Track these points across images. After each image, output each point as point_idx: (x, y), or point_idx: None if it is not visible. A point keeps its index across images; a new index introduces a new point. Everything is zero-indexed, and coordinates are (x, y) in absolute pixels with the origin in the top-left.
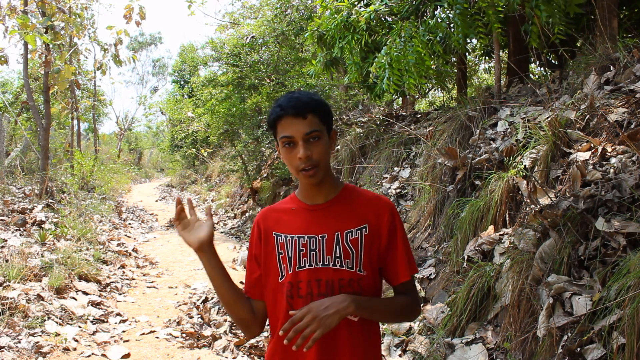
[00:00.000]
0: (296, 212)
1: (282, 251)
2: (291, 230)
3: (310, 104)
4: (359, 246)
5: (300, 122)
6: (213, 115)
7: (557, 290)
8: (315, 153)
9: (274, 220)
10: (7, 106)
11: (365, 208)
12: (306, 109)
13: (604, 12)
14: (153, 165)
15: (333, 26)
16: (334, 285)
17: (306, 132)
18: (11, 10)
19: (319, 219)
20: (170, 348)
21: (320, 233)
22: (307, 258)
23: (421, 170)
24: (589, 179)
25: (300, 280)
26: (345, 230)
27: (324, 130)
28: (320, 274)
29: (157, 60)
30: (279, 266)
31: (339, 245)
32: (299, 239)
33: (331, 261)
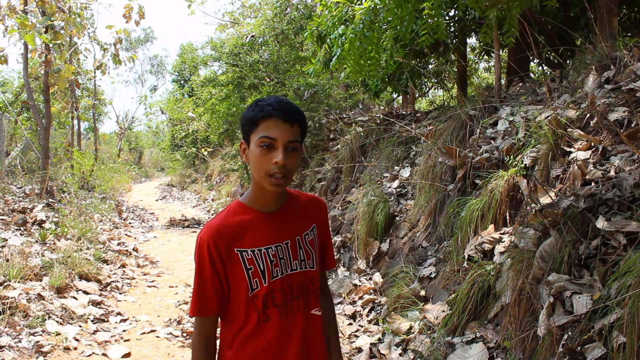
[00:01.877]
0: (255, 222)
1: (252, 266)
2: (257, 242)
3: (299, 113)
4: (315, 245)
5: (287, 128)
6: (213, 115)
7: (558, 289)
8: (291, 163)
9: (233, 236)
10: (7, 106)
11: (309, 208)
12: (295, 117)
13: (604, 12)
14: (153, 164)
15: (331, 24)
16: (302, 287)
17: (290, 140)
18: (11, 9)
19: (278, 226)
20: (170, 347)
21: (284, 240)
22: (279, 267)
23: (421, 169)
24: (589, 178)
25: (274, 289)
26: (303, 233)
27: (300, 144)
28: (291, 279)
29: (154, 57)
30: (249, 281)
31: (301, 249)
32: (267, 250)
33: (298, 265)
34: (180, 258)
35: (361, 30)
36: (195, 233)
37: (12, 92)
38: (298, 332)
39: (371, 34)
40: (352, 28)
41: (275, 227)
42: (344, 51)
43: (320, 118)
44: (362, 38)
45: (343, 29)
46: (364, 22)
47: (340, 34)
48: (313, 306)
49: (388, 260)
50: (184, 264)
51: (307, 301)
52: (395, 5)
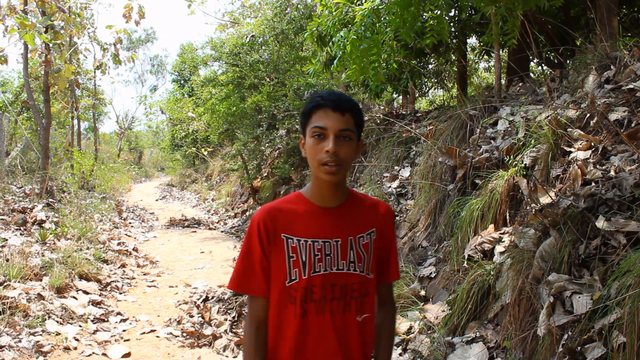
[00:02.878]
0: (308, 214)
1: (294, 255)
2: (305, 233)
3: (351, 103)
4: (369, 250)
5: (337, 116)
6: (213, 115)
7: (558, 289)
8: (343, 151)
9: (283, 222)
10: (7, 105)
11: (372, 212)
12: (346, 106)
13: (604, 11)
14: (153, 164)
15: (331, 24)
16: (347, 289)
17: (341, 128)
18: (11, 9)
19: (332, 222)
20: (170, 347)
21: (335, 237)
22: (323, 263)
23: (421, 169)
24: (589, 178)
25: (314, 284)
26: (357, 235)
27: (355, 134)
28: (335, 279)
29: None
30: (288, 269)
31: (352, 250)
32: (314, 243)
33: (345, 266)
34: (180, 258)
35: (363, 32)
36: (195, 233)
37: (12, 92)
38: (333, 333)
39: (373, 36)
40: (354, 30)
41: (328, 223)
42: (345, 53)
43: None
44: (364, 40)
45: (345, 31)
46: (365, 24)
47: (343, 36)
48: (358, 312)
49: None
50: (184, 263)
51: (349, 304)
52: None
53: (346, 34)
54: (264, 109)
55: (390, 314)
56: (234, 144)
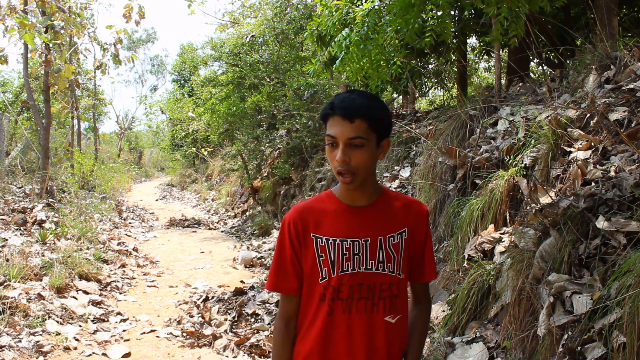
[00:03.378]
0: (338, 213)
1: (323, 254)
2: (333, 232)
3: (362, 108)
4: (400, 250)
5: (346, 125)
6: (213, 115)
7: (558, 289)
8: (355, 160)
9: (313, 221)
10: (7, 105)
11: (404, 212)
12: (355, 113)
13: (604, 11)
14: (153, 164)
15: (331, 24)
16: (375, 289)
17: (350, 137)
18: (11, 9)
19: (361, 221)
20: (170, 347)
21: (364, 237)
22: (351, 262)
23: (421, 169)
24: (589, 178)
25: (342, 283)
26: (387, 235)
27: (371, 138)
28: (363, 278)
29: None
30: (319, 268)
31: (382, 250)
32: (342, 242)
33: (374, 265)
34: (180, 258)
35: (365, 33)
36: (195, 233)
37: (12, 92)
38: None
39: (375, 36)
40: (356, 31)
41: (357, 222)
42: (348, 54)
43: (320, 118)
44: (367, 41)
45: (347, 32)
46: (368, 24)
47: (344, 36)
48: (386, 313)
49: None
50: (184, 263)
51: (377, 304)
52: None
53: (348, 34)
54: (264, 109)
55: (424, 313)
56: (234, 144)
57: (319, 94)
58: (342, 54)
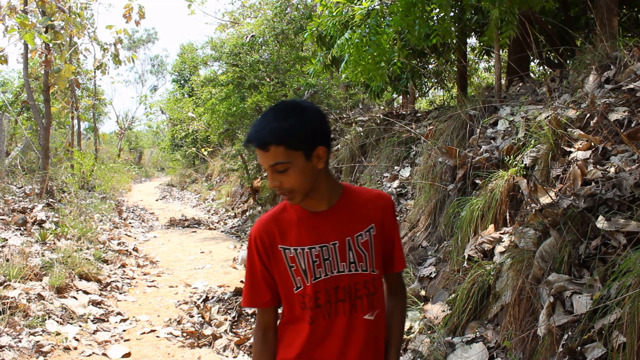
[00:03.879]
0: (301, 221)
1: (293, 264)
2: (300, 241)
3: (273, 134)
4: (370, 248)
5: (263, 154)
6: (213, 115)
7: (558, 289)
8: (286, 182)
9: (278, 232)
10: (7, 105)
11: (368, 207)
12: (267, 141)
13: (604, 11)
14: (153, 164)
15: (331, 25)
16: (351, 290)
17: (270, 165)
18: (11, 9)
19: (326, 226)
20: (170, 347)
21: (331, 240)
22: (322, 268)
23: (421, 169)
24: (589, 178)
25: (318, 290)
26: (355, 234)
27: (294, 157)
28: (337, 281)
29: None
30: (293, 279)
31: (351, 251)
32: (311, 249)
33: (346, 267)
34: (181, 258)
35: (367, 34)
36: (195, 233)
37: (12, 92)
38: (340, 336)
39: (377, 38)
40: (358, 33)
41: (322, 227)
42: (352, 56)
43: None
44: (369, 42)
45: (349, 34)
46: (370, 26)
47: (347, 38)
48: (365, 311)
49: None
50: (184, 263)
51: (354, 304)
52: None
53: (350, 35)
54: (264, 109)
55: (400, 302)
56: (234, 144)
57: (319, 94)
58: (346, 57)
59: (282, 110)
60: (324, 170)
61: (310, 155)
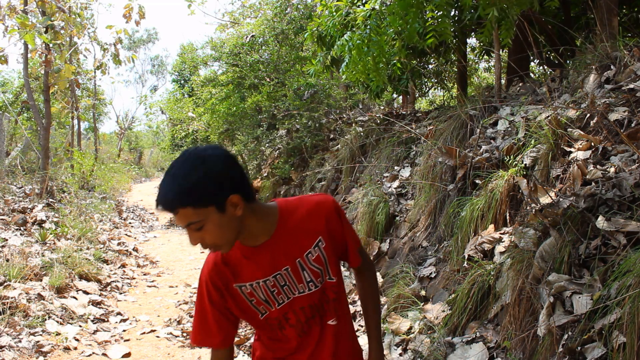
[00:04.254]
0: (247, 257)
1: (253, 298)
2: (252, 277)
3: (176, 197)
4: (323, 261)
5: (174, 215)
6: (213, 115)
7: (558, 289)
8: (206, 238)
9: (230, 273)
10: (7, 105)
11: (311, 221)
12: (171, 206)
13: (604, 11)
14: (153, 164)
15: (331, 25)
16: (316, 305)
17: (184, 225)
18: (11, 9)
19: (273, 255)
20: (170, 347)
21: (283, 267)
22: (283, 294)
23: (421, 169)
24: (589, 178)
25: (285, 312)
26: (304, 254)
27: (207, 215)
28: (301, 302)
29: (155, 57)
30: (256, 309)
31: (305, 271)
32: (265, 282)
33: (305, 287)
34: (181, 258)
35: (368, 35)
36: None
37: (12, 92)
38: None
39: (378, 38)
40: (359, 34)
41: (269, 258)
42: (353, 57)
43: (320, 118)
44: (370, 43)
45: (350, 34)
46: (370, 26)
47: (348, 39)
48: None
49: (388, 260)
50: (184, 263)
51: (323, 315)
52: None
53: (351, 37)
54: (264, 109)
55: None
56: (234, 144)
57: (319, 94)
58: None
59: (182, 167)
60: (247, 211)
61: (224, 207)
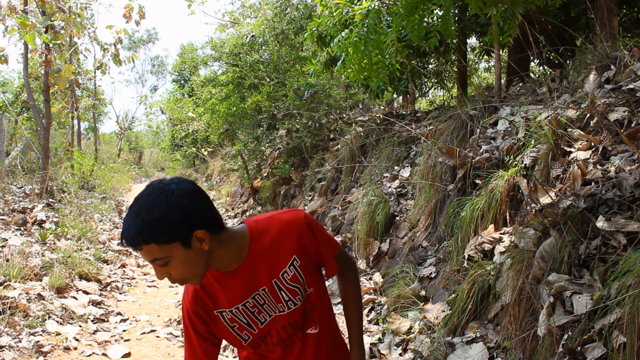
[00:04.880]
0: (224, 284)
1: (235, 324)
2: (231, 302)
3: (139, 234)
4: (300, 278)
5: (140, 252)
6: (213, 115)
7: (558, 289)
8: (173, 273)
9: (209, 301)
10: (7, 106)
11: (283, 240)
12: (135, 243)
13: (604, 11)
14: (153, 164)
15: (331, 25)
16: (297, 321)
17: (150, 261)
18: (11, 9)
19: (248, 278)
20: (170, 347)
21: (260, 287)
22: (264, 312)
23: (421, 169)
24: (589, 178)
25: (269, 330)
26: (280, 274)
27: (171, 251)
28: (281, 320)
29: (155, 57)
30: (239, 336)
31: (282, 290)
32: (245, 304)
33: (284, 306)
34: None
35: (365, 34)
36: None
37: (12, 92)
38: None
39: (376, 37)
40: (356, 32)
41: (245, 282)
42: (349, 55)
43: (320, 118)
44: (367, 41)
45: (347, 33)
46: (368, 25)
47: (345, 37)
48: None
49: (388, 260)
50: None
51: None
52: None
53: (348, 35)
54: (264, 109)
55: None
56: (234, 144)
57: (319, 94)
58: (343, 56)
59: (145, 202)
60: (214, 243)
61: (189, 243)
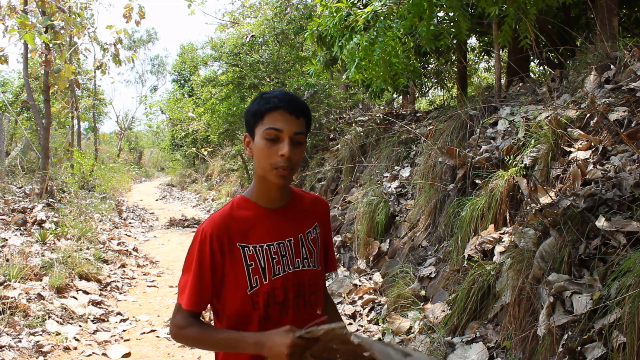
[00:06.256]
0: (258, 218)
1: (252, 262)
2: (259, 239)
3: (305, 106)
4: (317, 244)
5: (294, 119)
6: (213, 115)
7: (558, 289)
8: (296, 155)
9: (237, 230)
10: (7, 105)
11: (313, 208)
12: (301, 110)
13: (604, 11)
14: (153, 164)
15: (332, 25)
16: (304, 286)
17: (296, 132)
18: (11, 9)
19: (282, 222)
20: (170, 347)
21: (287, 237)
22: (281, 265)
23: (421, 169)
24: (589, 178)
25: (275, 287)
26: (305, 231)
27: (305, 137)
28: (293, 278)
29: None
30: (248, 278)
31: (304, 247)
32: (269, 247)
33: (300, 263)
34: (180, 258)
35: (375, 37)
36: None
37: (12, 92)
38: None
39: (385, 40)
40: (367, 37)
41: (279, 224)
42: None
43: (320, 118)
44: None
45: (359, 38)
46: (378, 29)
47: (357, 43)
48: (315, 306)
49: (388, 260)
50: None
51: (307, 300)
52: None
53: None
54: None
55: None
56: (234, 144)
57: (319, 94)
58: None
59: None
60: None
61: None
